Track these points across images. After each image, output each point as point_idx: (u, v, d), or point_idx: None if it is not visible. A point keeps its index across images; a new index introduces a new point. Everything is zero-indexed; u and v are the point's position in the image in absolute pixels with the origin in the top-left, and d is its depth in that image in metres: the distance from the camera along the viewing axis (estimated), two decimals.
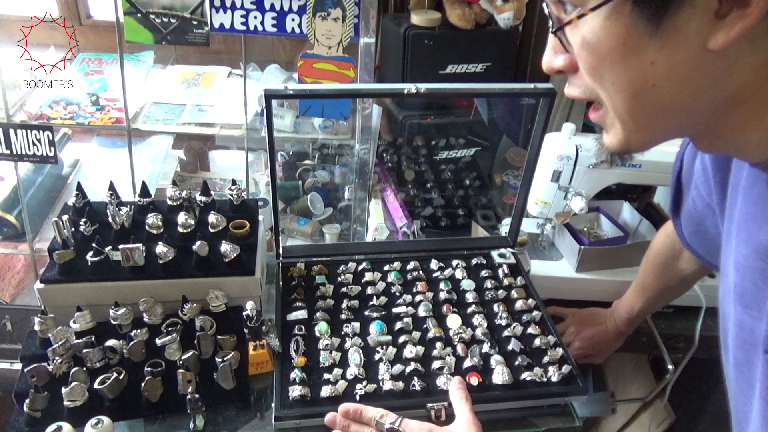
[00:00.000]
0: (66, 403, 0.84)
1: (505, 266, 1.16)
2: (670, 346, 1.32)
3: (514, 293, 1.10)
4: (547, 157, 1.26)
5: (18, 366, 1.63)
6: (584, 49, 0.54)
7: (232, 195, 1.08)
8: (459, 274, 1.14)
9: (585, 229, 1.47)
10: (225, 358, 0.90)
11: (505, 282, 1.13)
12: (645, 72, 0.51)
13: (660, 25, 0.48)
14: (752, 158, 0.60)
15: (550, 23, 0.57)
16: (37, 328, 0.92)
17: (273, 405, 0.87)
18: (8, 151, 1.49)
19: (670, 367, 1.28)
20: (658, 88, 0.52)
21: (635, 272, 1.22)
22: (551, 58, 0.59)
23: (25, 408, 0.83)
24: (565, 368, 0.94)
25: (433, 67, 1.46)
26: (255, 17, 1.39)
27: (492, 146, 1.62)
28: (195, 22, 1.39)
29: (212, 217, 1.03)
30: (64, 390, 0.84)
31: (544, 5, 0.57)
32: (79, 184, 1.06)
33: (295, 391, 0.87)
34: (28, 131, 1.47)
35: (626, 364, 1.73)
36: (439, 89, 0.96)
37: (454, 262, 1.16)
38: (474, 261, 1.17)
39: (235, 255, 0.98)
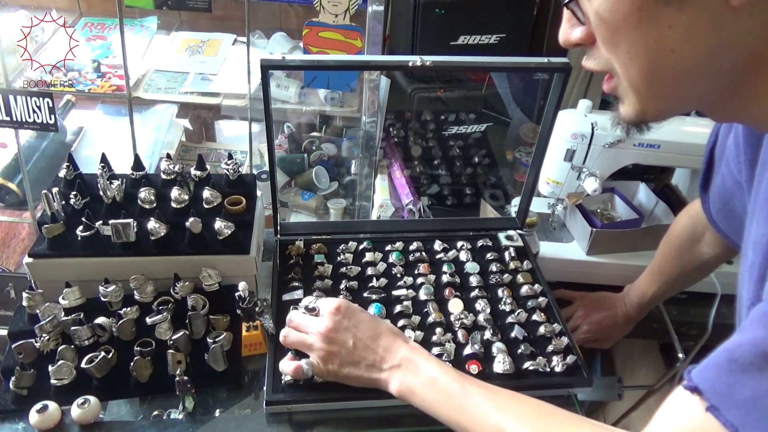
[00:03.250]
0: (53, 381, 0.82)
1: (511, 249, 1.12)
2: (681, 334, 1.28)
3: (519, 278, 1.06)
4: (560, 135, 1.21)
5: None
6: (598, 18, 0.52)
7: (228, 170, 1.04)
8: (463, 256, 1.09)
9: (598, 211, 1.42)
10: (216, 339, 0.87)
11: (511, 266, 1.09)
12: (663, 37, 0.49)
13: None
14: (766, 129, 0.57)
15: None
16: (25, 303, 0.90)
17: (265, 388, 0.84)
18: (8, 118, 1.47)
19: (680, 355, 1.24)
20: (677, 53, 0.50)
21: (649, 256, 1.18)
22: (568, 31, 0.58)
23: (11, 385, 0.81)
24: (570, 358, 0.90)
25: (444, 37, 1.40)
26: None
27: (505, 121, 1.57)
28: None
29: (206, 193, 0.99)
30: (51, 368, 0.82)
31: None
32: (70, 155, 1.03)
33: (288, 375, 0.85)
34: (28, 98, 1.44)
35: (635, 349, 1.69)
36: (446, 62, 0.91)
37: (459, 244, 1.12)
38: (480, 243, 1.13)
39: (229, 232, 0.95)
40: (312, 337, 0.81)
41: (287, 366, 0.84)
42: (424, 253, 1.10)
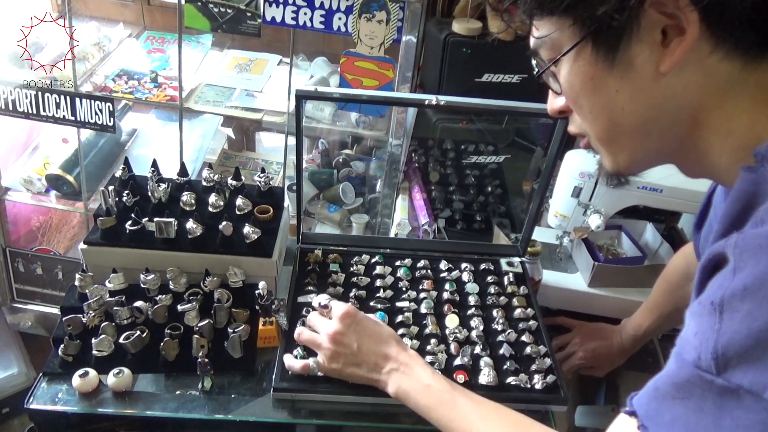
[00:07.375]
0: (94, 352, 0.95)
1: (511, 274, 1.21)
2: None
3: (515, 301, 1.15)
4: (569, 173, 1.29)
5: None
6: (564, 86, 0.64)
7: (260, 182, 1.17)
8: (465, 276, 1.19)
9: (604, 246, 1.49)
10: (236, 330, 0.99)
11: (509, 290, 1.18)
12: (613, 98, 0.60)
13: (615, 59, 0.57)
14: (727, 185, 0.64)
15: (535, 71, 0.67)
16: (77, 283, 1.04)
17: (273, 377, 0.96)
18: (73, 118, 1.64)
19: None
20: (627, 110, 0.60)
21: (648, 294, 1.24)
22: (552, 102, 0.70)
23: (59, 352, 0.95)
24: (550, 378, 0.99)
25: (469, 74, 1.51)
26: (305, 13, 1.47)
27: (525, 154, 1.65)
28: (249, 14, 1.49)
29: (239, 201, 1.12)
30: (94, 341, 0.95)
31: (532, 59, 0.67)
32: (126, 159, 1.17)
33: (295, 371, 0.95)
34: (92, 101, 1.61)
35: (641, 384, 1.73)
36: (458, 103, 1.02)
37: (463, 265, 1.22)
38: (482, 266, 1.23)
39: (256, 237, 1.07)
40: (321, 337, 0.92)
41: (295, 363, 0.94)
42: (429, 270, 1.20)
